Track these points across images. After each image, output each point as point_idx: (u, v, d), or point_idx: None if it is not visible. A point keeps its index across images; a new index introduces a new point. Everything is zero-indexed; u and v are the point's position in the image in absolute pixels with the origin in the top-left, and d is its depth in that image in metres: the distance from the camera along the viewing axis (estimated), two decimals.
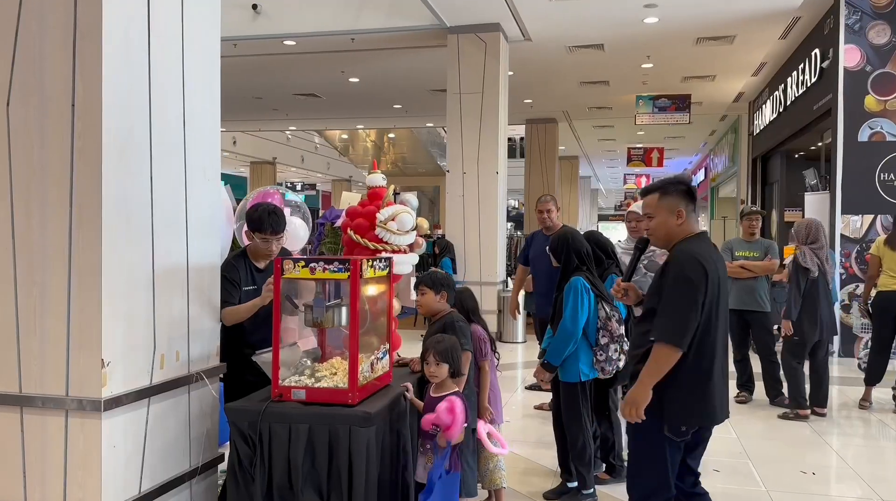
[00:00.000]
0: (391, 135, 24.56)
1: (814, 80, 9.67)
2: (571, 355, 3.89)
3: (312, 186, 32.43)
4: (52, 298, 2.60)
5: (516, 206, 28.02)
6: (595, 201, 36.13)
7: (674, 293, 2.73)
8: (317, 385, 2.92)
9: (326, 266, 2.89)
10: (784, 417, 6.01)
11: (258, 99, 15.60)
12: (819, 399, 6.09)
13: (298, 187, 32.18)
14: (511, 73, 10.89)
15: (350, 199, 5.57)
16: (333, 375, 3.02)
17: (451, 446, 3.08)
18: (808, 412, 5.99)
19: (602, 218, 37.57)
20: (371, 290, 3.22)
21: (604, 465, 4.36)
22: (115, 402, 2.60)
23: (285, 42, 10.74)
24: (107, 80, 2.56)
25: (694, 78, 12.91)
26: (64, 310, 2.59)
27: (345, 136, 24.99)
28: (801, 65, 10.32)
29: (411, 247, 5.11)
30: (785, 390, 6.33)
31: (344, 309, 2.99)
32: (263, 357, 3.06)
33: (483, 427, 3.35)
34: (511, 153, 22.38)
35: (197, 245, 3.08)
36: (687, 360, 2.73)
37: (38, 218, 2.61)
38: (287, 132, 23.88)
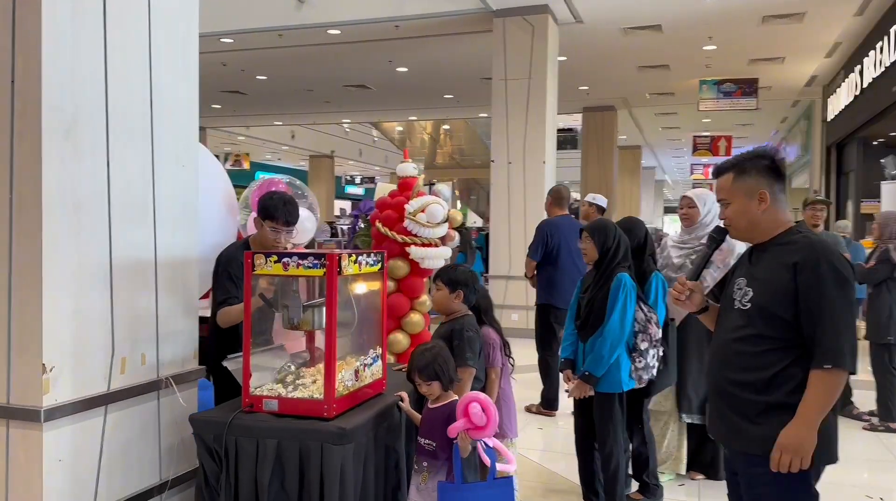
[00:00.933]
0: (446, 127, 24.22)
1: (893, 59, 8.88)
2: (612, 362, 3.48)
3: (371, 180, 32.43)
4: None
5: (577, 198, 27.30)
6: (661, 192, 34.91)
7: (840, 302, 2.08)
8: (291, 395, 2.60)
9: (300, 261, 2.56)
10: (872, 429, 5.46)
11: (309, 91, 15.51)
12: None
13: (358, 181, 32.27)
14: (564, 58, 10.38)
15: (385, 189, 5.26)
16: (314, 382, 2.69)
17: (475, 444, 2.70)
18: None
19: (668, 210, 36.33)
20: (359, 288, 2.87)
21: (635, 484, 3.90)
22: (60, 411, 2.34)
23: (329, 31, 10.53)
24: (47, 50, 2.29)
25: (761, 60, 12.08)
26: (4, 308, 2.34)
27: (400, 128, 24.80)
28: (879, 43, 9.54)
29: (443, 240, 4.76)
30: (854, 399, 5.75)
31: (325, 309, 2.66)
32: (235, 362, 2.75)
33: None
34: (573, 144, 21.73)
35: (168, 237, 2.80)
36: None
37: None
38: (345, 126, 23.86)
